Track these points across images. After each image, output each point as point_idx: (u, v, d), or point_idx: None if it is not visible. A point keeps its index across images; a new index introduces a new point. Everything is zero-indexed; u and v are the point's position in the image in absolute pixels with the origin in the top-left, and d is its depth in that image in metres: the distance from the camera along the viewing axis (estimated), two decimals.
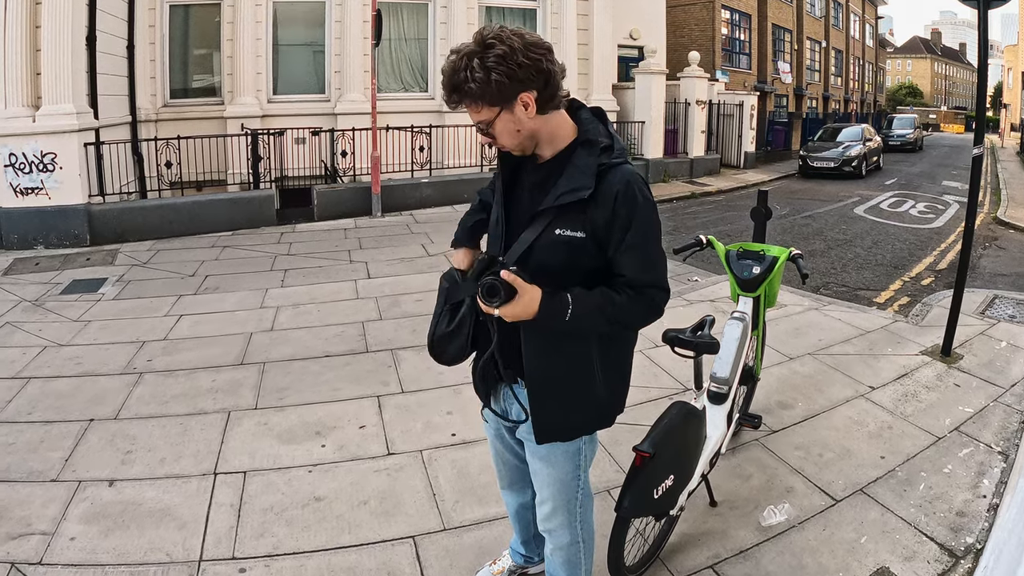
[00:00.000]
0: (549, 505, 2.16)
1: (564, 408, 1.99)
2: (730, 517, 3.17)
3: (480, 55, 1.75)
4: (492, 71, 1.74)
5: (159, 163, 10.09)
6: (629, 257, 1.85)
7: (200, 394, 4.41)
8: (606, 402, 2.05)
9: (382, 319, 5.92)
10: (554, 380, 1.96)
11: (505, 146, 1.92)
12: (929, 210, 13.40)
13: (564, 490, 2.13)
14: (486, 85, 1.76)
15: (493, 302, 1.78)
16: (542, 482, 2.14)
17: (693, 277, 7.47)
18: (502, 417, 2.15)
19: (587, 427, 2.08)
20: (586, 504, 2.21)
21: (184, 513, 3.15)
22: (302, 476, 3.48)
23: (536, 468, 2.14)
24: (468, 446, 3.75)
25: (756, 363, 3.87)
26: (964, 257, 5.16)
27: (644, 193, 1.87)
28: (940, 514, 3.17)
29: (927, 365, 4.93)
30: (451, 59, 1.79)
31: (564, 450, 2.08)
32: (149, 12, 11.86)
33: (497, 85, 1.76)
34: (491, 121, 1.84)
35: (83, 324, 5.75)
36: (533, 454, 2.12)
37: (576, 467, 2.12)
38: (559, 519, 2.17)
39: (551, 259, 1.87)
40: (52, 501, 3.21)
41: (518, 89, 1.79)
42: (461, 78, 1.76)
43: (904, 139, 30.12)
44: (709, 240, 3.75)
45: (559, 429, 2.03)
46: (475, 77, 1.75)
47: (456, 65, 1.77)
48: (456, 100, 1.82)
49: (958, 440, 3.85)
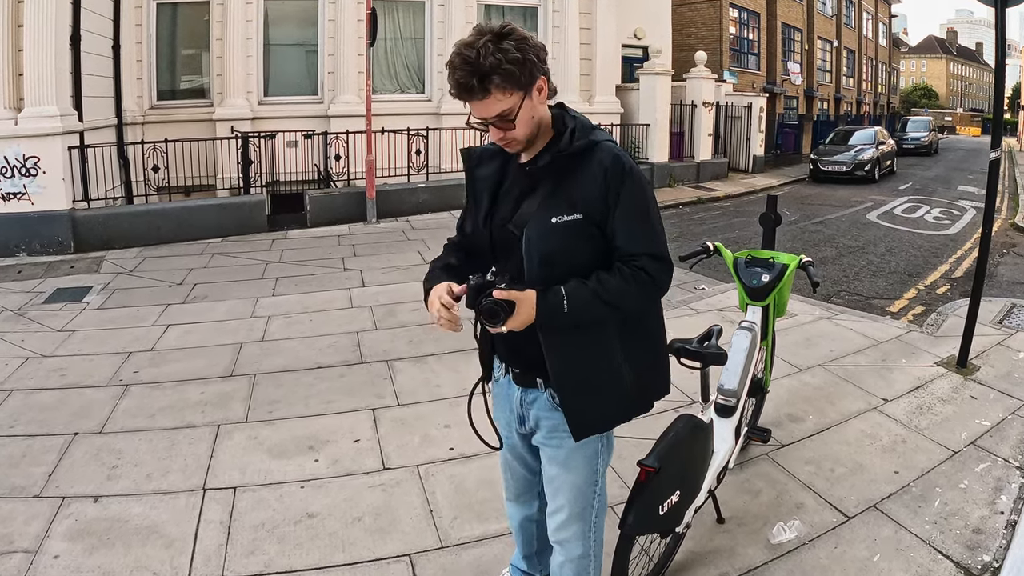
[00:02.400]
0: (564, 513, 2.16)
1: (595, 399, 2.02)
2: (738, 534, 3.18)
3: (504, 39, 1.79)
4: (524, 51, 1.80)
5: (146, 167, 10.13)
6: (620, 225, 1.91)
7: (188, 407, 4.42)
8: (635, 386, 2.07)
9: (377, 329, 5.94)
10: (580, 374, 1.99)
11: (519, 138, 1.93)
12: (944, 216, 13.45)
13: (581, 497, 2.14)
14: (521, 65, 1.80)
15: (498, 323, 1.85)
16: (557, 488, 2.15)
17: (700, 285, 7.50)
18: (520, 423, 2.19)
19: (620, 415, 2.10)
20: (601, 513, 2.22)
21: (172, 530, 3.16)
22: (294, 492, 3.49)
23: (553, 474, 2.15)
24: (466, 461, 3.77)
25: (765, 375, 3.89)
26: (981, 265, 5.18)
27: (631, 164, 1.94)
28: (956, 531, 3.18)
29: (942, 377, 4.95)
30: (469, 48, 1.78)
31: (583, 453, 2.10)
32: (135, 10, 11.91)
33: (530, 65, 1.83)
34: (516, 108, 1.86)
35: (67, 334, 5.77)
36: (552, 459, 2.13)
37: (594, 471, 2.14)
38: (574, 528, 2.17)
39: (554, 248, 1.90)
40: (35, 518, 3.22)
41: (540, 72, 1.88)
42: (493, 61, 1.77)
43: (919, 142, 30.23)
44: (716, 247, 3.77)
45: (594, 421, 2.05)
46: (510, 57, 1.78)
47: (483, 50, 1.77)
48: (483, 89, 1.81)
49: (975, 454, 3.86)
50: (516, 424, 2.21)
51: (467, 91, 1.82)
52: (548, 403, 2.08)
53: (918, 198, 15.99)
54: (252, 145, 10.71)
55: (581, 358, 1.98)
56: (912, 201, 15.44)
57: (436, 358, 5.20)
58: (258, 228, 10.10)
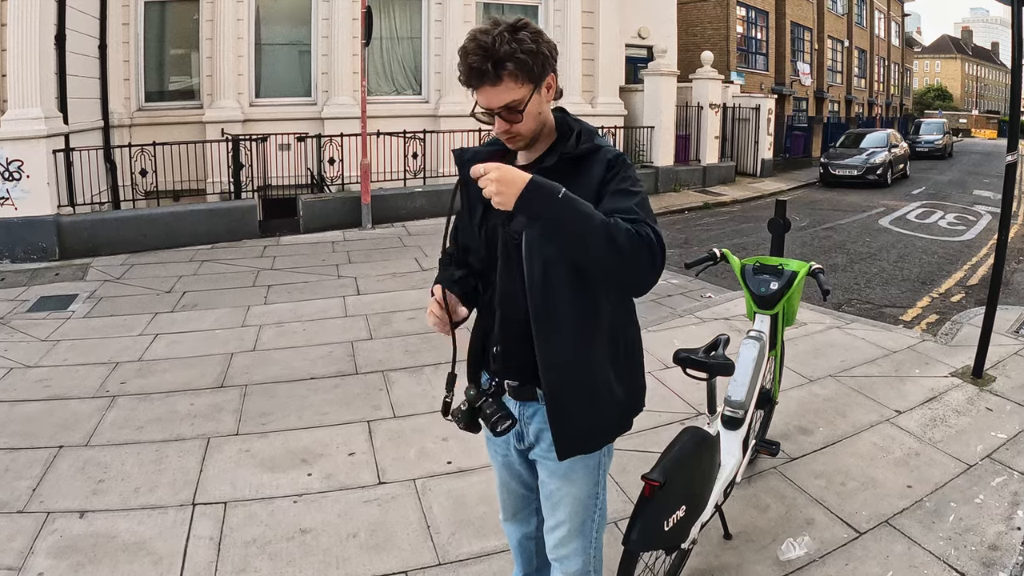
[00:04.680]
0: (564, 528, 2.16)
1: (586, 416, 2.02)
2: (746, 551, 3.19)
3: (521, 30, 1.83)
4: (539, 43, 1.84)
5: (133, 171, 10.18)
6: (620, 198, 1.87)
7: (177, 419, 4.44)
8: (624, 401, 2.09)
9: (373, 338, 5.96)
10: (572, 387, 2.00)
11: (524, 132, 1.95)
12: (959, 221, 13.48)
13: (581, 510, 2.15)
14: (535, 56, 1.84)
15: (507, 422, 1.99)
16: (557, 503, 2.15)
17: (706, 293, 7.52)
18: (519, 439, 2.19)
19: (610, 433, 2.11)
20: (601, 528, 2.23)
21: (160, 547, 3.17)
22: (287, 507, 3.50)
23: (552, 488, 2.15)
24: (465, 474, 3.78)
25: (774, 386, 3.91)
26: (997, 272, 5.20)
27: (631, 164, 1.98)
28: (971, 547, 3.19)
29: (957, 388, 4.97)
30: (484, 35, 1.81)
31: (584, 464, 2.10)
32: (123, 9, 11.94)
33: (542, 59, 1.86)
34: (526, 100, 1.88)
35: (52, 344, 5.79)
36: (552, 473, 2.13)
37: (595, 483, 2.15)
38: (574, 544, 2.17)
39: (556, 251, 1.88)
40: (19, 533, 3.23)
41: (550, 68, 1.91)
42: (508, 49, 1.80)
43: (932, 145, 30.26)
44: (723, 254, 3.79)
45: (582, 439, 2.05)
46: (525, 47, 1.81)
47: (499, 38, 1.80)
48: (495, 75, 1.83)
49: (990, 468, 3.88)
50: (514, 440, 2.20)
51: (479, 76, 1.84)
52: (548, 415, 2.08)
53: (932, 203, 16.02)
54: (243, 148, 10.75)
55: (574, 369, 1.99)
56: (926, 206, 15.48)
57: (433, 368, 5.21)
58: (249, 234, 10.14)
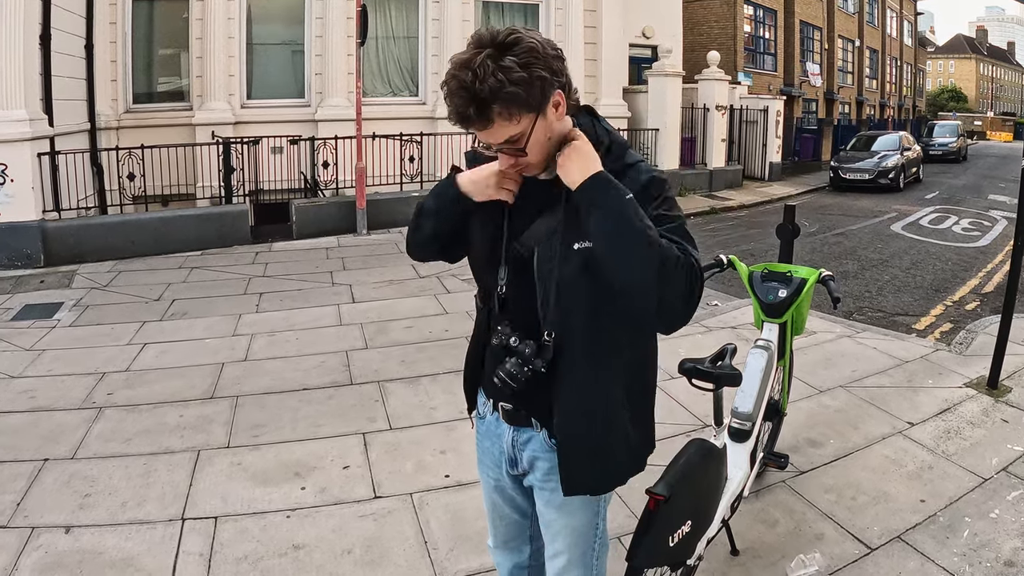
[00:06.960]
0: (564, 559, 2.11)
1: (598, 463, 1.95)
2: (753, 567, 3.20)
3: (507, 53, 1.61)
4: (532, 67, 1.62)
5: (121, 175, 10.15)
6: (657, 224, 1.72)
7: (166, 431, 4.44)
8: (638, 445, 2.03)
9: (368, 348, 5.97)
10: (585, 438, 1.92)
11: (533, 164, 1.78)
12: (974, 227, 13.52)
13: (580, 541, 2.10)
14: (529, 85, 1.62)
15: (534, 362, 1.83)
16: (555, 533, 2.10)
17: (713, 301, 7.53)
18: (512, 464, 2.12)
19: (622, 477, 2.04)
20: (602, 555, 2.18)
21: (148, 563, 3.17)
22: (279, 522, 3.51)
23: (550, 519, 2.09)
24: (463, 488, 3.79)
25: (782, 396, 3.92)
26: (1013, 279, 5.22)
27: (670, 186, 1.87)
28: (986, 564, 3.20)
29: (972, 399, 4.98)
30: (463, 69, 1.62)
31: (583, 497, 2.02)
32: (110, 8, 11.94)
33: (540, 82, 1.64)
34: (527, 133, 1.69)
35: (36, 353, 5.80)
36: (548, 503, 2.07)
37: (595, 514, 2.10)
38: (574, 573, 2.12)
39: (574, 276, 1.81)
40: (2, 549, 3.23)
41: (554, 86, 1.70)
42: (493, 84, 1.59)
43: (946, 148, 30.35)
44: (730, 260, 3.79)
45: (591, 486, 1.99)
46: (514, 78, 1.60)
47: (481, 70, 1.59)
48: (483, 118, 1.65)
49: (1006, 482, 3.89)
50: (507, 466, 2.12)
51: (465, 120, 1.66)
52: (544, 443, 2.01)
53: (946, 208, 16.06)
54: (234, 151, 10.76)
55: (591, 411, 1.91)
56: (939, 211, 15.52)
57: (431, 379, 5.23)
58: (240, 240, 10.14)
